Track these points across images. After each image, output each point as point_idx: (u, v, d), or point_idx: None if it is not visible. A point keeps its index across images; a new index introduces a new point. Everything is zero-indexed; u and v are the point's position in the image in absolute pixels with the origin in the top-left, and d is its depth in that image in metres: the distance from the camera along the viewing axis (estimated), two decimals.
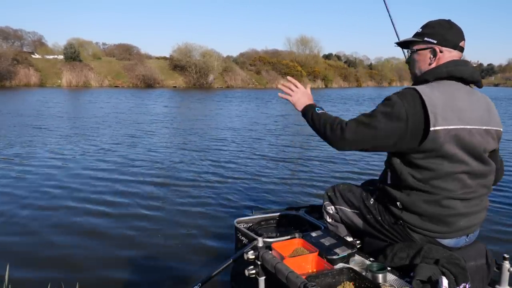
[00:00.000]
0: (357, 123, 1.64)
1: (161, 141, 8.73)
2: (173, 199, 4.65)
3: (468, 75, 1.66)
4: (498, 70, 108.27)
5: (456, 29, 1.70)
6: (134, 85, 37.48)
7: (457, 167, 1.58)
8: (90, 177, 5.55)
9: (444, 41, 1.67)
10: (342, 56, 66.35)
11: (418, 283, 1.47)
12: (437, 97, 1.55)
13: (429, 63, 1.69)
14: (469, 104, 1.63)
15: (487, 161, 1.67)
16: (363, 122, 1.62)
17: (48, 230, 3.68)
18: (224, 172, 5.99)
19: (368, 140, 1.62)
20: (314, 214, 2.86)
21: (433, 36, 1.68)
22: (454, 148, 1.55)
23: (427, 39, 1.69)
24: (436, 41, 1.68)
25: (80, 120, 12.30)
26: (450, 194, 1.59)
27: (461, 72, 1.64)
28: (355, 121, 1.65)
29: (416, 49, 1.73)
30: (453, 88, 1.62)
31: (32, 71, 34.06)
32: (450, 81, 1.65)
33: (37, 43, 46.82)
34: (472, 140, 1.59)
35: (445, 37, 1.67)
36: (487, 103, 1.71)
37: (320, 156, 7.40)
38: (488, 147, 1.66)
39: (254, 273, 1.73)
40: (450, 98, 1.58)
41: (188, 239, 3.55)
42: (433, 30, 1.69)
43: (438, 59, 1.68)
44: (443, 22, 1.72)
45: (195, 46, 42.32)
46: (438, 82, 1.64)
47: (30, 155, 6.92)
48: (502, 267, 1.81)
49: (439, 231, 1.63)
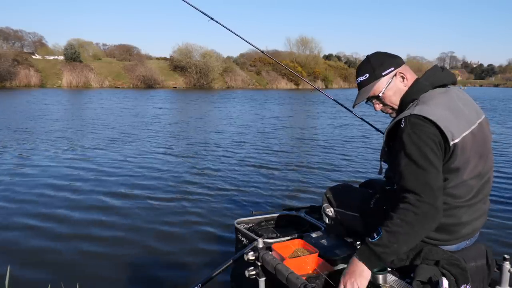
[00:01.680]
0: (419, 187, 1.45)
1: (159, 142, 8.73)
2: (172, 199, 4.65)
3: (447, 79, 1.68)
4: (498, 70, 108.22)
5: (386, 53, 1.75)
6: (134, 86, 37.51)
7: (468, 173, 1.56)
8: (90, 178, 5.54)
9: (397, 64, 1.70)
10: (343, 57, 66.43)
11: (419, 284, 1.47)
12: (440, 112, 1.52)
13: (405, 86, 1.68)
14: (462, 104, 1.63)
15: (488, 157, 1.67)
16: (421, 175, 1.46)
17: (48, 231, 3.68)
18: (224, 172, 5.98)
19: (441, 184, 1.49)
20: (314, 214, 2.85)
21: (387, 67, 1.69)
22: (467, 156, 1.54)
23: (386, 72, 1.69)
24: (393, 68, 1.69)
25: (78, 120, 12.31)
26: (456, 203, 1.57)
27: (442, 79, 1.67)
28: (412, 191, 1.46)
29: (383, 89, 1.69)
30: (443, 97, 1.61)
31: (32, 71, 34.11)
32: (434, 90, 1.64)
33: (37, 43, 46.90)
34: (476, 140, 1.58)
35: (394, 61, 1.70)
36: (467, 97, 1.72)
37: (320, 156, 7.40)
38: (488, 138, 1.67)
39: (254, 274, 1.73)
40: (448, 108, 1.56)
41: (188, 239, 3.54)
42: (380, 63, 1.70)
43: (407, 78, 1.68)
44: (372, 56, 1.74)
45: (195, 46, 42.42)
46: (425, 96, 1.61)
47: (29, 154, 6.92)
48: (502, 267, 1.80)
49: (440, 239, 1.62)
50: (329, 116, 15.50)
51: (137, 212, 4.20)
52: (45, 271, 2.93)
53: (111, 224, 3.87)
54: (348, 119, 13.98)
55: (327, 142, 9.17)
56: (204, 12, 3.42)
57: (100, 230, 3.73)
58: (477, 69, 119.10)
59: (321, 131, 11.05)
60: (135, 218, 4.03)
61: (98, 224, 3.86)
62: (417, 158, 1.47)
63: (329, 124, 12.88)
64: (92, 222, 3.92)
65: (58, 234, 3.62)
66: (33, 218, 3.98)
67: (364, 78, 1.71)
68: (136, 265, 3.06)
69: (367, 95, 1.71)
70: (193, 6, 3.39)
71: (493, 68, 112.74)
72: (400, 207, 1.47)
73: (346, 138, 9.84)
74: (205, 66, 40.50)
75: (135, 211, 4.23)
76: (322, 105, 20.86)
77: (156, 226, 3.82)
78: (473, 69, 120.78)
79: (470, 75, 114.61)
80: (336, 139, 9.65)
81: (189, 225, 3.88)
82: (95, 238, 3.53)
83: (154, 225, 3.85)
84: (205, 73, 40.61)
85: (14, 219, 3.96)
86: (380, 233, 1.46)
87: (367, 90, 1.70)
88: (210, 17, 3.43)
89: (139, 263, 3.09)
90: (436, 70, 1.70)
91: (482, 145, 1.62)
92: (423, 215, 1.44)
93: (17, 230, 3.67)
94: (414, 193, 1.45)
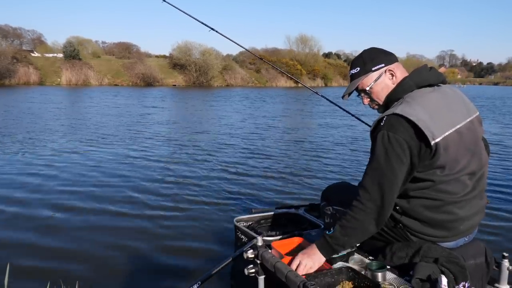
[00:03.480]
0: (371, 187, 1.54)
1: (158, 140, 8.72)
2: (171, 197, 4.65)
3: (434, 79, 1.69)
4: (497, 68, 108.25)
5: (379, 49, 1.78)
6: (133, 84, 37.46)
7: (457, 171, 1.58)
8: (88, 175, 5.54)
9: (388, 61, 1.73)
10: (342, 55, 66.38)
11: (418, 282, 1.47)
12: (421, 112, 1.54)
13: (393, 83, 1.71)
14: (448, 103, 1.64)
15: (482, 154, 1.68)
16: (378, 176, 1.54)
17: (47, 227, 3.68)
18: (223, 170, 5.99)
19: (394, 190, 1.54)
20: (313, 212, 2.86)
21: (377, 62, 1.72)
22: (452, 154, 1.56)
23: (376, 68, 1.72)
24: (384, 64, 1.72)
25: (76, 117, 12.30)
26: (451, 198, 1.59)
27: (427, 79, 1.68)
28: (365, 188, 1.56)
29: (371, 84, 1.72)
30: (428, 96, 1.62)
31: (31, 69, 34.04)
32: (420, 90, 1.66)
33: (36, 41, 46.81)
34: (463, 139, 1.60)
35: (385, 57, 1.73)
36: (459, 95, 1.73)
37: (319, 155, 7.40)
38: (479, 135, 1.69)
39: (254, 272, 1.73)
40: (430, 107, 1.58)
41: (187, 237, 3.54)
42: (371, 59, 1.73)
43: (396, 75, 1.71)
44: (368, 51, 1.78)
45: (195, 44, 42.34)
46: (410, 96, 1.63)
47: (33, 149, 6.92)
48: (501, 265, 1.81)
49: (439, 235, 1.63)
50: (327, 115, 15.50)
51: (134, 210, 4.20)
52: (45, 268, 2.93)
53: (108, 222, 3.87)
54: (347, 119, 13.98)
55: (326, 140, 9.17)
56: (205, 23, 3.60)
57: (98, 227, 3.72)
58: (477, 67, 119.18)
59: (320, 130, 11.05)
60: (132, 216, 4.03)
61: (96, 221, 3.86)
62: (380, 159, 1.54)
63: (328, 122, 12.89)
64: (91, 219, 3.92)
65: (58, 230, 3.62)
66: (32, 214, 3.98)
67: (355, 71, 1.76)
68: (134, 262, 3.07)
69: (354, 87, 1.77)
70: (195, 18, 3.61)
71: (493, 67, 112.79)
72: (353, 203, 1.59)
73: (345, 137, 9.85)
74: (204, 64, 40.46)
75: (133, 209, 4.23)
76: (320, 104, 20.85)
77: (155, 224, 3.82)
78: (472, 67, 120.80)
79: (470, 73, 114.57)
80: (335, 137, 9.65)
81: (189, 222, 3.88)
82: (94, 236, 3.53)
83: (153, 223, 3.85)
84: (205, 71, 40.57)
85: (14, 214, 3.96)
86: (335, 227, 1.62)
87: (355, 83, 1.76)
88: (210, 28, 3.61)
89: (138, 261, 3.09)
90: (423, 69, 1.72)
91: (473, 143, 1.64)
92: (369, 213, 1.55)
93: (17, 226, 3.67)
94: (366, 191, 1.56)
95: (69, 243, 3.40)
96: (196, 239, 3.52)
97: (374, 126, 1.65)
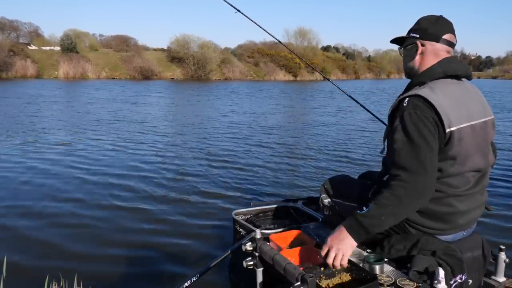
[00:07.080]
0: (409, 162, 1.49)
1: (155, 133, 8.71)
2: (170, 190, 4.65)
3: (462, 72, 1.69)
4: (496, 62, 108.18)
5: (441, 22, 1.71)
6: (131, 77, 37.25)
7: (468, 167, 1.59)
8: (89, 171, 5.54)
9: (426, 35, 1.70)
10: (341, 48, 66.06)
11: (415, 274, 1.48)
12: (443, 99, 1.55)
13: (414, 58, 1.72)
14: (468, 99, 1.65)
15: (489, 156, 1.69)
16: (416, 153, 1.49)
17: (45, 222, 3.68)
18: (221, 164, 5.99)
19: (434, 162, 1.51)
20: (311, 206, 2.87)
21: (417, 31, 1.72)
22: (464, 147, 1.57)
23: (413, 35, 1.73)
24: (418, 35, 1.71)
25: (73, 111, 12.26)
26: (453, 192, 1.60)
27: (455, 70, 1.67)
28: (403, 166, 1.50)
29: (404, 46, 1.77)
30: (451, 87, 1.64)
31: (29, 62, 33.78)
32: (445, 79, 1.66)
33: (33, 34, 46.40)
34: (475, 136, 1.61)
35: (428, 31, 1.70)
36: (479, 94, 1.74)
37: (318, 147, 7.41)
38: (490, 138, 1.70)
39: (252, 265, 1.74)
40: (452, 97, 1.59)
41: (186, 231, 3.55)
42: (418, 26, 1.73)
43: (421, 53, 1.71)
44: (430, 17, 1.74)
45: (193, 37, 42.03)
46: (434, 82, 1.64)
47: (34, 142, 6.90)
48: (498, 258, 1.82)
49: (437, 228, 1.64)
50: (326, 107, 15.48)
51: (132, 204, 4.21)
52: (43, 262, 2.94)
53: (108, 216, 3.87)
54: (347, 111, 13.98)
55: (326, 133, 9.17)
56: (231, 3, 3.49)
57: (97, 222, 3.73)
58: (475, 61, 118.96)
59: (319, 123, 11.04)
60: (130, 211, 4.03)
61: (95, 216, 3.87)
62: (415, 136, 1.51)
63: (328, 115, 12.88)
64: (90, 214, 3.93)
65: (55, 225, 3.62)
66: (31, 211, 3.98)
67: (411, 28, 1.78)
68: (132, 256, 3.08)
69: (400, 37, 1.79)
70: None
71: (491, 60, 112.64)
72: (391, 183, 1.51)
73: (345, 129, 9.85)
74: (202, 57, 40.21)
75: (131, 204, 4.23)
76: (319, 97, 20.82)
77: (153, 218, 3.83)
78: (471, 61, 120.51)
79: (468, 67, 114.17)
80: (335, 130, 9.65)
81: (187, 216, 3.89)
82: (93, 231, 3.54)
83: (151, 217, 3.86)
84: (203, 64, 40.33)
85: (13, 210, 3.96)
86: (369, 206, 1.50)
87: (403, 37, 1.78)
88: (237, 9, 3.52)
89: (136, 255, 3.10)
90: (453, 59, 1.71)
91: (483, 143, 1.65)
92: (413, 190, 1.47)
93: (14, 221, 3.68)
94: (407, 170, 1.49)
95: (67, 239, 3.41)
96: (195, 232, 3.53)
97: (396, 107, 1.64)
